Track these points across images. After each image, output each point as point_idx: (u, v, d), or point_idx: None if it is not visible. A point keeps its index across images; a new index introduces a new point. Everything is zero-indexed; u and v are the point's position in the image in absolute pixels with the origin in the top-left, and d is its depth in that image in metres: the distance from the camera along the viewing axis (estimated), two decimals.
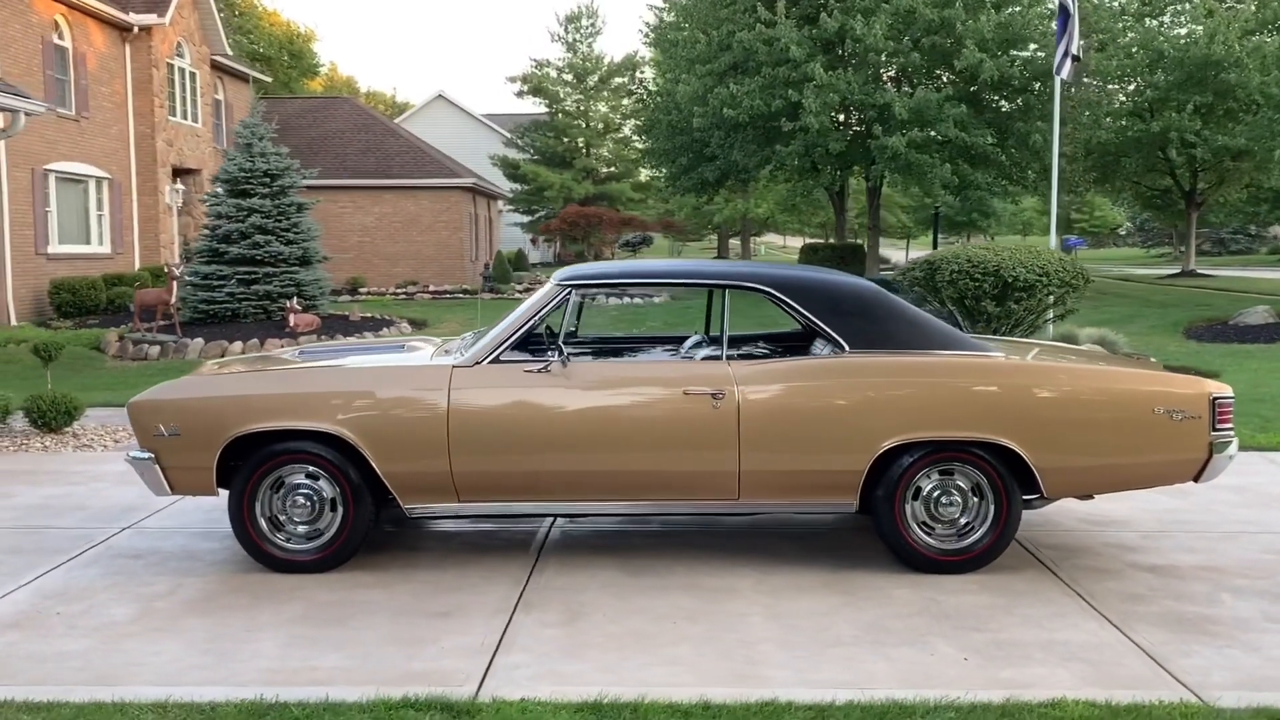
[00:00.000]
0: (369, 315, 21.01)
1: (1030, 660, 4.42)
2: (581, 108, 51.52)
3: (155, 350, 16.77)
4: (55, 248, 21.99)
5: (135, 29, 24.91)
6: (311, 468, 5.51)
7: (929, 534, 5.52)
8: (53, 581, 5.45)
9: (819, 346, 5.70)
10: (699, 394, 5.39)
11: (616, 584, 5.40)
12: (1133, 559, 5.82)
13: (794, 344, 6.12)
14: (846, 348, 5.50)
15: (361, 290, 29.16)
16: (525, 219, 49.57)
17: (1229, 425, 5.48)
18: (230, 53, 30.98)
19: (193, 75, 27.94)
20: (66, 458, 8.55)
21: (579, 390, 5.43)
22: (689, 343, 6.44)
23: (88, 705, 3.92)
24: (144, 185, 25.69)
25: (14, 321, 20.10)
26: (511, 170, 48.17)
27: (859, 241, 31.62)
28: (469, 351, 5.63)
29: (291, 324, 17.96)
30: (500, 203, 43.50)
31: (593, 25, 52.80)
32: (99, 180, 23.91)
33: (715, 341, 5.92)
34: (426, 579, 5.48)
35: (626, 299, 24.02)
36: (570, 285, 5.68)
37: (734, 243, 70.51)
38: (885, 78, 26.04)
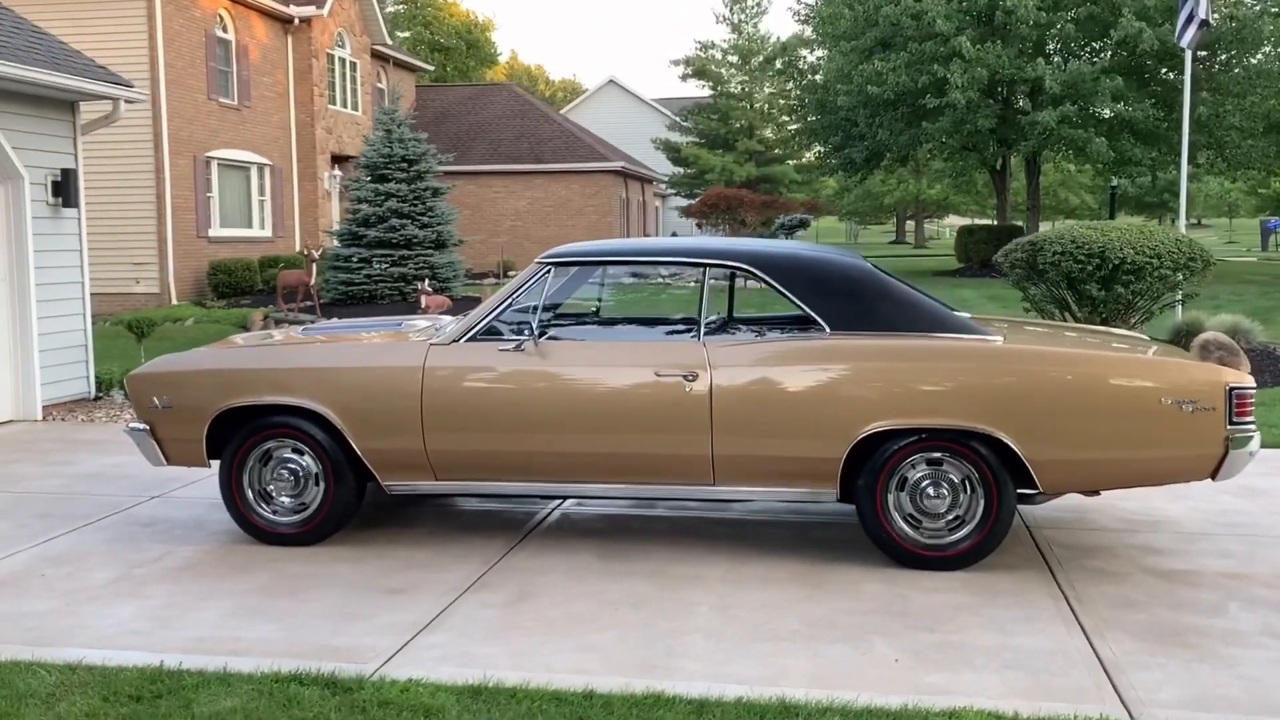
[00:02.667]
0: None
1: (968, 665, 4.12)
2: (746, 89, 51.16)
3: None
4: (216, 231, 23.20)
5: (296, 21, 26.03)
6: (297, 443, 5.62)
7: (914, 527, 5.22)
8: (58, 545, 5.74)
9: (802, 328, 5.46)
10: (671, 375, 5.24)
11: (584, 567, 5.31)
12: (1151, 562, 5.36)
13: (782, 325, 5.90)
14: (828, 329, 5.25)
15: (511, 272, 29.73)
16: (688, 202, 49.63)
17: (1249, 418, 4.98)
18: (390, 42, 32.03)
19: (353, 65, 29.02)
20: None
21: (550, 369, 5.36)
22: (736, 322, 6.27)
23: (4, 664, 4.10)
24: (304, 171, 26.86)
25: (175, 300, 21.35)
26: (673, 154, 48.27)
27: (1018, 223, 30.21)
28: (448, 329, 5.64)
29: (423, 305, 18.46)
30: (657, 185, 43.60)
31: (758, 5, 52.35)
32: (260, 167, 25.11)
33: (713, 321, 5.75)
34: (401, 555, 5.52)
35: (658, 278, 23.24)
36: (550, 263, 5.60)
37: (912, 224, 69.05)
38: (1038, 49, 24.73)
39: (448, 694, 3.82)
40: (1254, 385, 5.02)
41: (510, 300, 5.56)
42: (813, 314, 5.28)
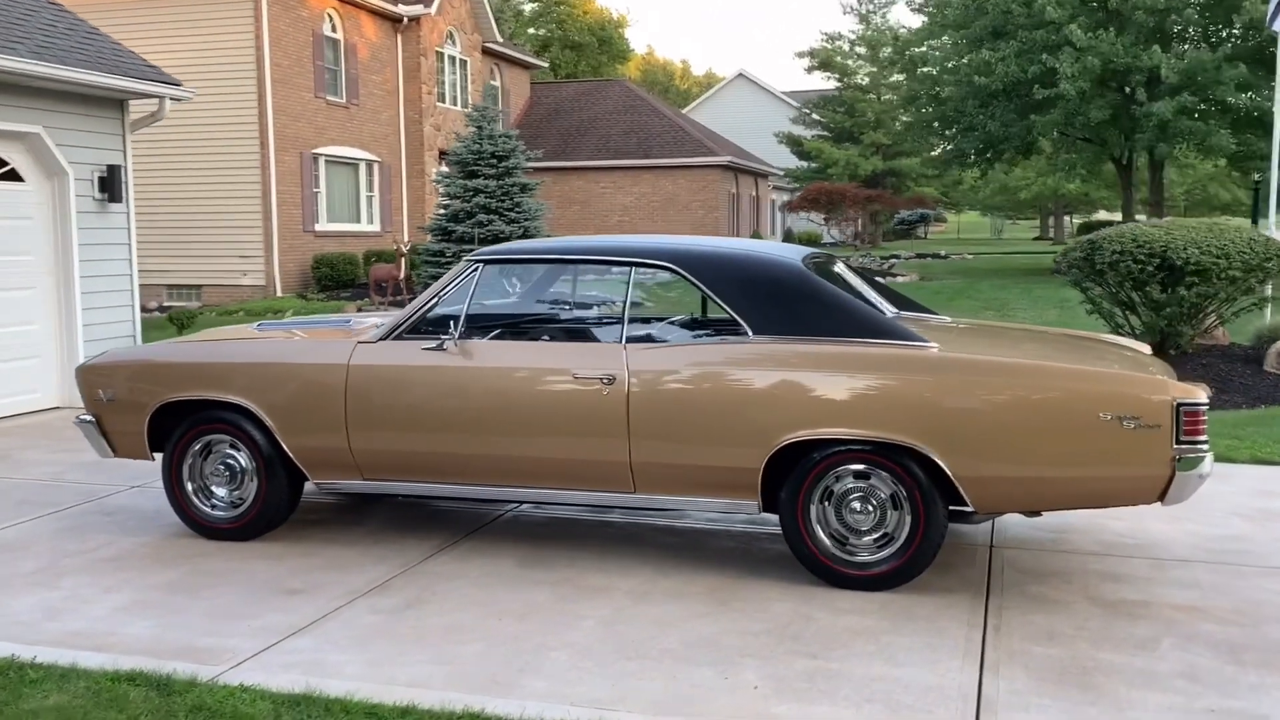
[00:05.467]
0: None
1: (828, 697, 3.83)
2: (873, 81, 50.06)
3: None
4: (323, 226, 23.81)
5: (405, 20, 26.52)
6: (233, 438, 5.63)
7: (840, 545, 4.92)
8: (11, 533, 5.88)
9: (727, 330, 5.20)
10: (589, 378, 5.06)
11: (496, 574, 5.17)
12: (1104, 590, 4.93)
13: (708, 328, 5.64)
14: (750, 332, 4.99)
15: None
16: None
17: (1200, 438, 4.52)
18: (500, 40, 32.38)
19: (463, 62, 29.43)
20: None
21: (469, 369, 5.24)
22: (663, 323, 6.07)
23: None
24: (412, 168, 27.38)
25: (279, 293, 22.01)
26: (796, 147, 47.60)
27: (1144, 219, 28.71)
28: (378, 327, 5.57)
29: None
30: (774, 179, 43.04)
31: None
32: (368, 163, 25.67)
33: (637, 323, 5.53)
34: (327, 554, 5.47)
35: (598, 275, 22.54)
36: (479, 261, 5.48)
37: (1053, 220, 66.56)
38: (1157, 36, 23.40)
39: (268, 702, 3.74)
40: (1206, 401, 4.56)
41: (437, 298, 5.46)
42: (735, 316, 5.02)
